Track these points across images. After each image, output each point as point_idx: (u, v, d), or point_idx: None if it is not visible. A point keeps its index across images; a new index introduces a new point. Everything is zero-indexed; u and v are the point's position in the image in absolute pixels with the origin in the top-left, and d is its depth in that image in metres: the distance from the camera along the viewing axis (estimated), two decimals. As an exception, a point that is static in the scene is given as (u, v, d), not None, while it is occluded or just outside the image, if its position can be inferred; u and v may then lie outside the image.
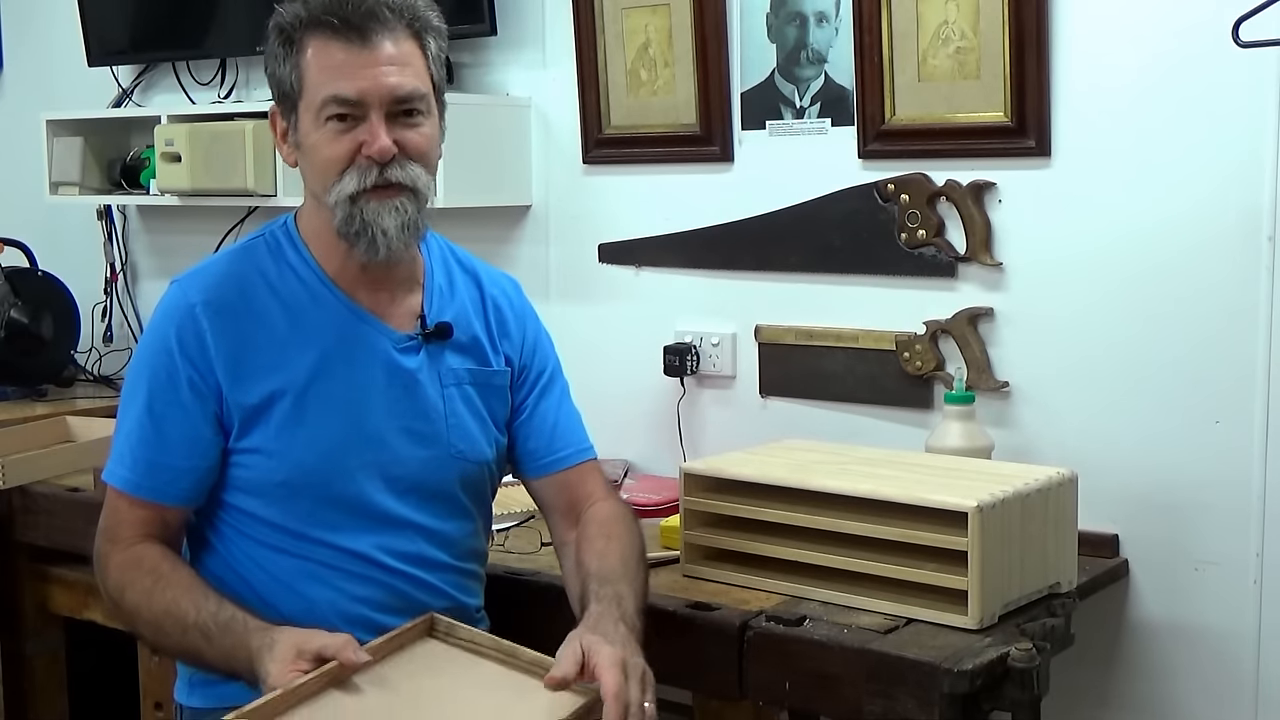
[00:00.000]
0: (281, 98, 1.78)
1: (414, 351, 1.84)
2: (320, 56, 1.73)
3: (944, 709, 1.71)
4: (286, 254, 1.83)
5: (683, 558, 2.08)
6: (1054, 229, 2.27)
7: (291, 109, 1.77)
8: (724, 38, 2.56)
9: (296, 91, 1.75)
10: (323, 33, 1.73)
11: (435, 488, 1.84)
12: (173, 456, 1.77)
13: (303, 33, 1.74)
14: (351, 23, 1.72)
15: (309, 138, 1.75)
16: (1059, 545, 1.97)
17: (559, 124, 2.81)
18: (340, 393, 1.79)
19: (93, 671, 2.95)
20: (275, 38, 1.77)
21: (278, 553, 1.80)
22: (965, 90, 2.31)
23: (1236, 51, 1.97)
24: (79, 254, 3.65)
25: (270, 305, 1.79)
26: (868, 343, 2.46)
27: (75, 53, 3.48)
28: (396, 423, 1.81)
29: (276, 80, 1.78)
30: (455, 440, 1.85)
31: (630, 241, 2.74)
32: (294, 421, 1.77)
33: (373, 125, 1.72)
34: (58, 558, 2.74)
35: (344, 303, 1.82)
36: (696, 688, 1.95)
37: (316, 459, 1.77)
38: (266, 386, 1.77)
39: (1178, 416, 2.18)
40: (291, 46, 1.75)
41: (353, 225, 1.74)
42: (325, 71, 1.73)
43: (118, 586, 1.78)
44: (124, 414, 1.82)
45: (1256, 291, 2.10)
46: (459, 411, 1.86)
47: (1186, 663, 2.21)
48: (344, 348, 1.80)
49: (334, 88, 1.72)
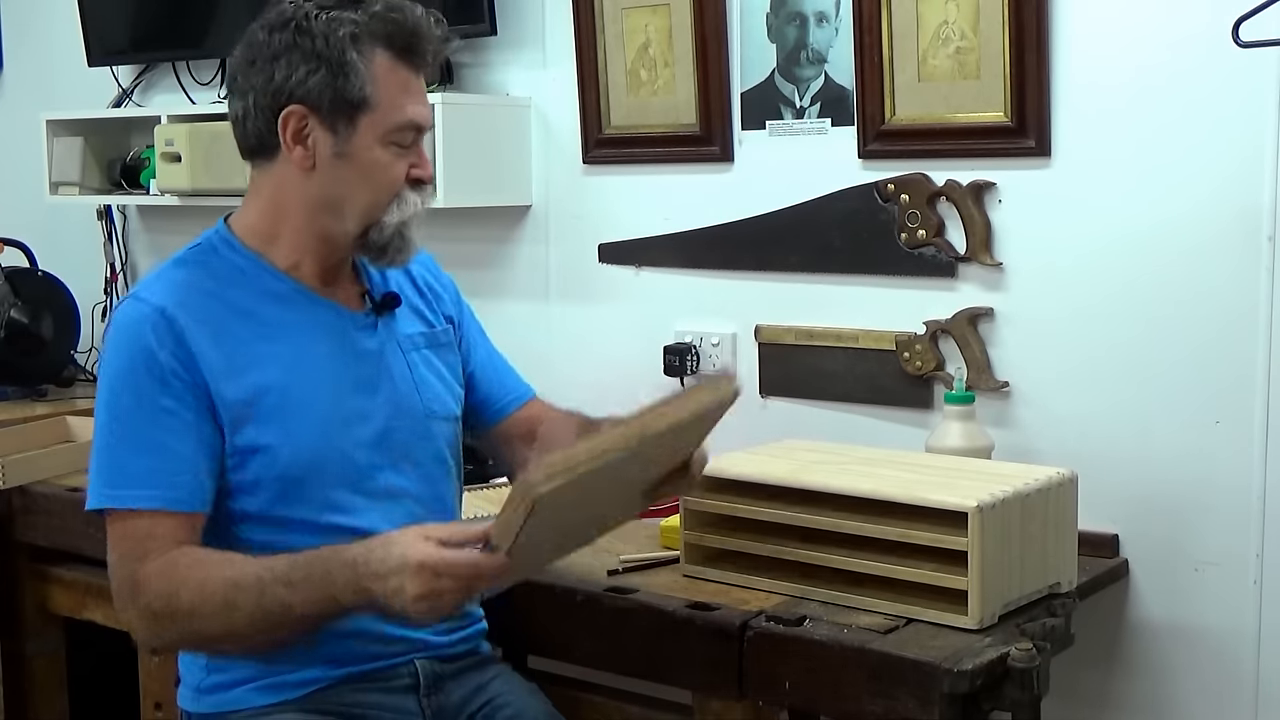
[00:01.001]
0: (335, 104, 1.76)
1: (372, 327, 1.90)
2: (392, 77, 1.78)
3: (944, 709, 1.71)
4: (233, 258, 1.84)
5: (683, 558, 2.08)
6: (1054, 229, 2.27)
7: (348, 120, 1.76)
8: (724, 38, 2.56)
9: (365, 102, 1.76)
10: (393, 53, 1.77)
11: (423, 452, 1.89)
12: (186, 461, 1.73)
13: (378, 47, 1.77)
14: (420, 50, 1.80)
15: (369, 153, 1.78)
16: (1059, 545, 1.97)
17: (559, 124, 2.81)
18: (320, 378, 1.82)
19: (93, 671, 2.95)
20: (341, 44, 1.75)
21: None
22: (965, 90, 2.31)
23: (1236, 51, 1.97)
24: (79, 254, 3.65)
25: (233, 307, 1.80)
26: (868, 343, 2.46)
27: (75, 53, 3.48)
28: (377, 397, 1.86)
29: (334, 86, 1.75)
30: (428, 402, 1.92)
31: (630, 241, 2.74)
32: (283, 412, 1.78)
33: (423, 153, 1.83)
34: (58, 558, 2.74)
35: (305, 294, 1.85)
36: (696, 688, 1.95)
37: (313, 444, 1.79)
38: (250, 382, 1.77)
39: (1178, 416, 2.18)
40: (364, 57, 1.75)
41: (395, 241, 1.82)
42: (401, 94, 1.78)
43: (165, 594, 1.69)
44: (113, 432, 1.75)
45: (1256, 292, 2.10)
46: (424, 375, 1.93)
47: (1186, 663, 2.21)
48: (314, 335, 1.84)
49: (412, 114, 1.80)
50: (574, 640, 2.03)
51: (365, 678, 1.82)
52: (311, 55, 1.76)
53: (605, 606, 1.99)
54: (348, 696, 1.81)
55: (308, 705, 1.80)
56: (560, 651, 2.07)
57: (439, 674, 1.88)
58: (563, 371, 2.72)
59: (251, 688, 1.81)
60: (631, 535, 2.29)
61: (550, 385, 2.17)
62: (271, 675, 1.80)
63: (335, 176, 1.79)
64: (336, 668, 1.81)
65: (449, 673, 1.89)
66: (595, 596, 2.01)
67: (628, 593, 2.00)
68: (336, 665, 1.81)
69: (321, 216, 1.82)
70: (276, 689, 1.80)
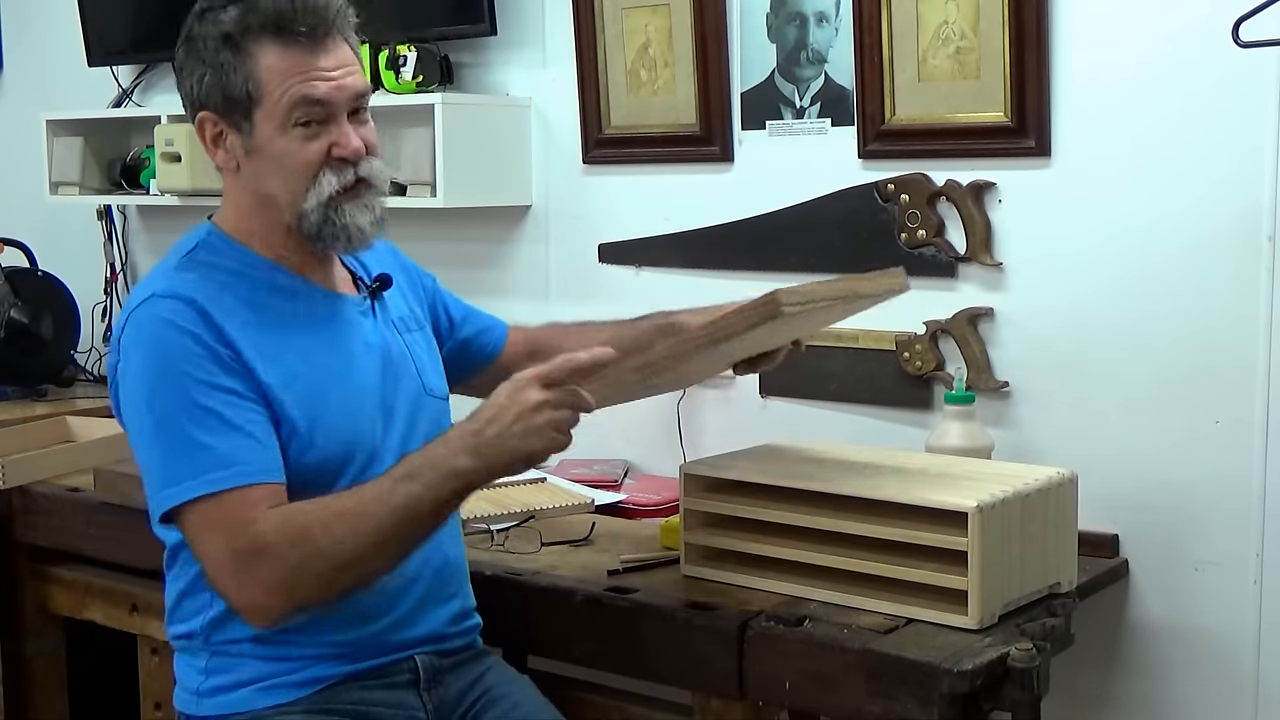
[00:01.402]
0: (228, 105, 1.77)
1: (370, 311, 1.92)
2: (278, 62, 1.75)
3: (944, 709, 1.71)
4: (230, 256, 1.84)
5: (683, 558, 2.08)
6: (1054, 229, 2.27)
7: (244, 116, 1.77)
8: (724, 38, 2.56)
9: (252, 98, 1.76)
10: (274, 39, 1.75)
11: (428, 430, 1.89)
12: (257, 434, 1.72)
13: (250, 39, 1.75)
14: (303, 29, 1.75)
15: (273, 144, 1.77)
16: (1059, 545, 1.97)
17: (559, 124, 2.81)
18: (337, 366, 1.83)
19: (93, 671, 2.95)
20: (216, 45, 1.76)
21: None
22: (965, 90, 2.31)
23: (1236, 51, 1.97)
24: (79, 254, 3.65)
25: (245, 301, 1.80)
26: (868, 343, 2.46)
27: (75, 53, 3.48)
28: (386, 378, 1.88)
29: (221, 88, 1.76)
30: (426, 381, 1.94)
31: (630, 241, 2.74)
32: (311, 401, 1.78)
33: (343, 127, 1.78)
34: (58, 558, 2.74)
35: (306, 284, 1.86)
36: (696, 688, 1.95)
37: (342, 431, 1.80)
38: (279, 370, 1.78)
39: (1178, 416, 2.18)
40: (239, 53, 1.75)
41: (327, 228, 1.79)
42: (289, 77, 1.75)
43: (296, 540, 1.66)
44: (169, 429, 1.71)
45: (1256, 291, 2.10)
46: (419, 355, 1.96)
47: (1186, 663, 2.21)
48: (324, 324, 1.85)
49: (303, 91, 1.75)
50: (574, 640, 2.03)
51: (367, 675, 1.82)
52: (199, 61, 1.78)
53: (605, 606, 1.99)
54: (351, 695, 1.81)
55: (312, 705, 1.80)
56: (560, 651, 2.07)
57: (438, 668, 1.88)
58: (563, 371, 2.71)
59: (254, 689, 1.80)
60: (631, 535, 2.30)
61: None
62: (274, 676, 1.80)
63: (254, 173, 1.80)
64: (339, 666, 1.81)
65: (447, 666, 1.90)
66: (595, 596, 2.01)
67: (628, 593, 2.00)
68: (339, 664, 1.81)
69: (265, 212, 1.82)
70: (280, 690, 1.80)
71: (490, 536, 2.24)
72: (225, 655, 1.81)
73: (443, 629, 1.90)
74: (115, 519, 2.48)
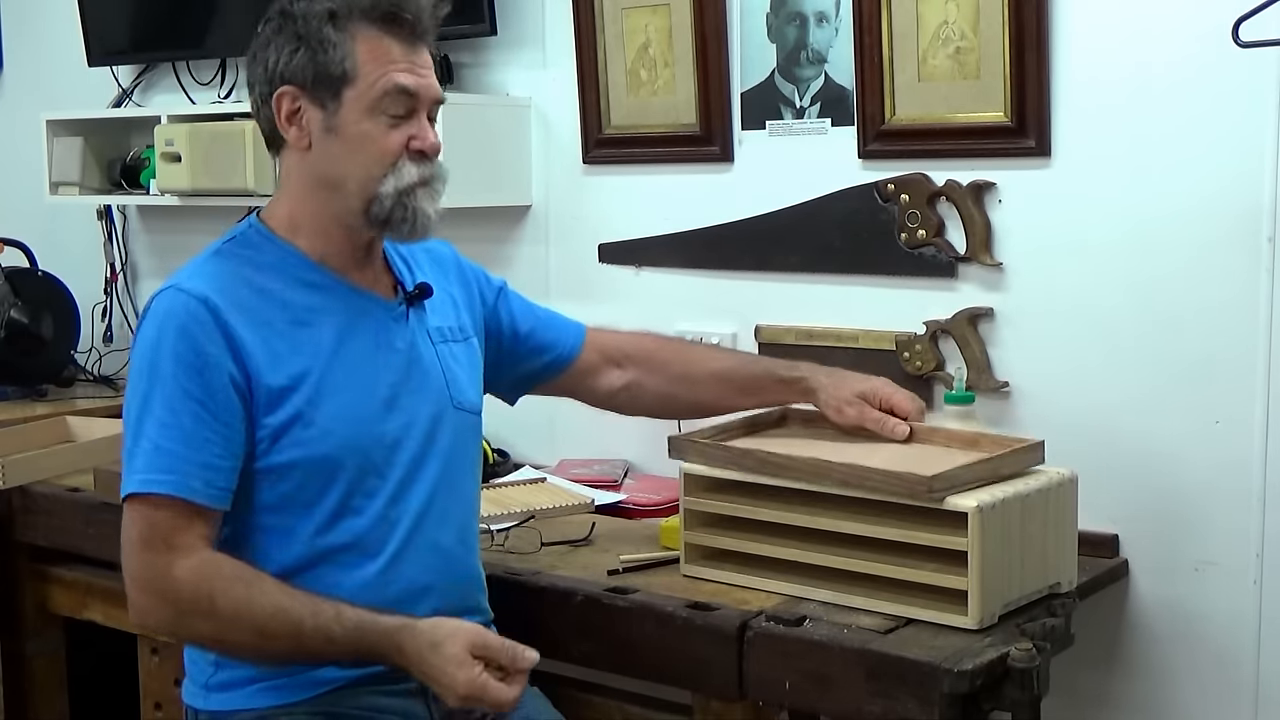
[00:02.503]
0: (318, 81, 1.79)
1: (404, 318, 1.91)
2: (376, 48, 1.79)
3: (944, 709, 1.71)
4: (268, 249, 1.86)
5: (683, 558, 2.08)
6: (1054, 229, 2.27)
7: (333, 95, 1.79)
8: (724, 38, 2.56)
9: (346, 77, 1.78)
10: (378, 26, 1.79)
11: (451, 445, 1.91)
12: (216, 455, 1.75)
13: (355, 21, 1.79)
14: (407, 22, 1.80)
15: (358, 125, 1.80)
16: (1059, 545, 1.97)
17: (559, 124, 2.81)
18: (357, 367, 1.84)
19: (93, 671, 2.95)
20: (320, 21, 1.79)
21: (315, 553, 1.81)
22: (965, 90, 2.31)
23: (1236, 51, 1.97)
24: (79, 254, 3.65)
25: (270, 296, 1.82)
26: (868, 343, 2.45)
27: (75, 53, 3.48)
28: (409, 386, 1.87)
29: (315, 63, 1.79)
30: (455, 394, 1.93)
31: (630, 241, 2.74)
32: (321, 397, 1.80)
33: (424, 123, 1.82)
34: (58, 558, 2.74)
35: (340, 284, 1.87)
36: (696, 688, 1.95)
37: (347, 430, 1.81)
38: (290, 369, 1.79)
39: (1178, 416, 2.18)
40: (341, 32, 1.79)
41: (397, 212, 1.82)
42: (387, 64, 1.79)
43: (201, 594, 1.72)
44: (145, 419, 1.76)
45: (1256, 291, 2.10)
46: (451, 366, 1.95)
47: (1186, 663, 2.21)
48: (351, 324, 1.85)
49: (401, 81, 1.79)
50: (574, 640, 2.03)
51: (375, 680, 1.82)
52: (294, 37, 1.80)
53: (605, 606, 2.00)
54: (358, 699, 1.82)
55: (317, 707, 1.80)
56: (560, 651, 2.07)
57: None
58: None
59: (261, 687, 1.81)
60: (631, 535, 2.30)
61: (550, 385, 2.18)
62: (282, 676, 1.81)
63: (329, 152, 1.82)
64: (347, 670, 1.81)
65: None
66: (595, 596, 2.01)
67: (628, 593, 2.00)
68: (347, 668, 1.81)
69: (327, 196, 1.83)
70: (287, 689, 1.81)
71: (490, 536, 2.24)
72: None
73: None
74: (115, 519, 2.43)
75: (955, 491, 1.84)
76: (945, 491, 1.83)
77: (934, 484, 1.83)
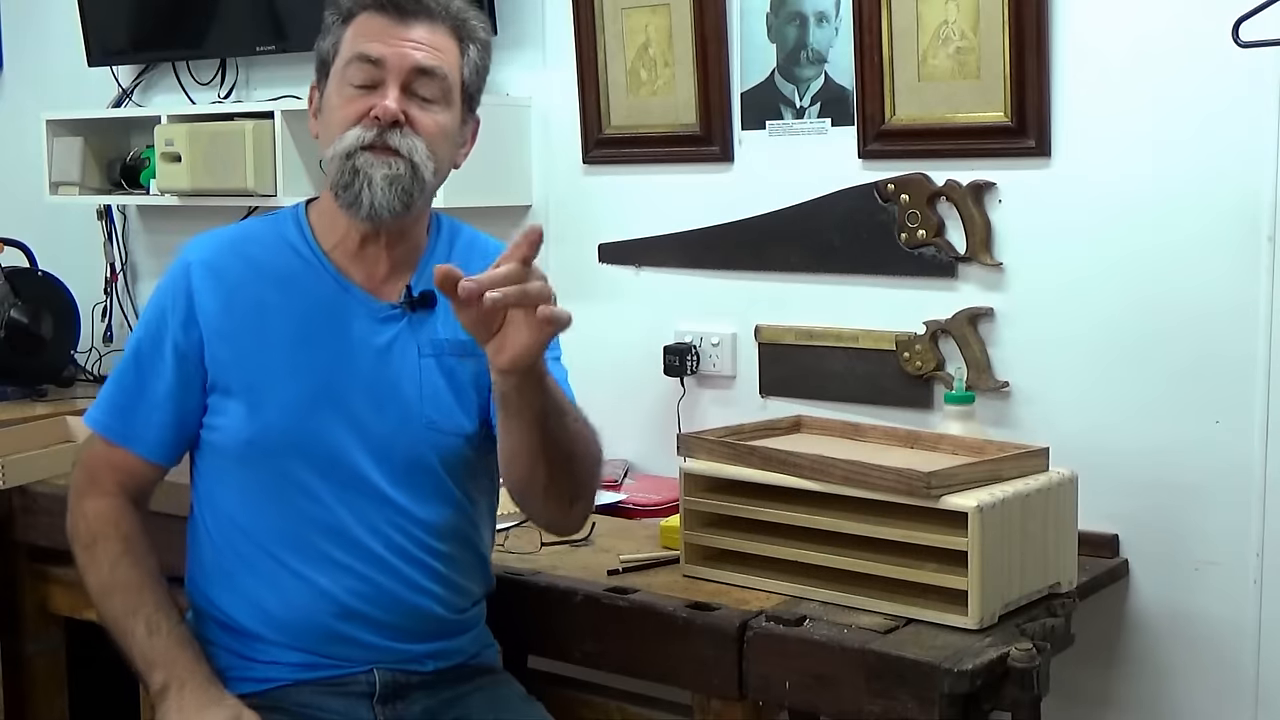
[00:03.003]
0: (319, 68, 1.85)
1: (395, 321, 1.86)
2: (364, 26, 1.81)
3: (944, 709, 1.71)
4: (288, 230, 1.89)
5: (683, 558, 2.08)
6: (1054, 229, 2.27)
7: (324, 77, 1.84)
8: (724, 38, 2.56)
9: (331, 59, 1.82)
10: (370, 10, 1.81)
11: (410, 459, 1.83)
12: (146, 405, 1.85)
13: (354, 7, 1.82)
14: (400, 4, 1.80)
15: (329, 99, 1.82)
16: (1059, 545, 1.98)
17: (559, 124, 2.81)
18: (314, 359, 1.83)
19: (93, 671, 2.95)
20: (330, 12, 1.84)
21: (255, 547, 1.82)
22: (965, 90, 2.31)
23: (1237, 51, 1.97)
24: (79, 254, 3.65)
25: (262, 272, 1.85)
26: (868, 343, 2.46)
27: (75, 53, 3.48)
28: (368, 390, 1.84)
29: (319, 52, 1.84)
30: (428, 410, 1.84)
31: (630, 241, 2.74)
32: (266, 383, 1.81)
33: (386, 89, 1.78)
34: (58, 558, 2.73)
35: (331, 274, 1.86)
36: (696, 688, 1.95)
37: (285, 416, 1.81)
38: (243, 346, 1.82)
39: (1178, 416, 2.18)
40: (342, 19, 1.83)
41: (342, 178, 1.78)
42: (359, 38, 1.80)
43: (89, 534, 1.88)
44: (121, 363, 1.91)
45: (1256, 291, 2.10)
46: (434, 382, 1.86)
47: (1186, 663, 2.21)
48: (322, 317, 1.84)
49: (361, 48, 1.79)
50: (574, 640, 2.03)
51: (323, 682, 1.82)
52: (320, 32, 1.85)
53: (605, 606, 2.00)
54: (301, 697, 1.81)
55: (264, 702, 1.80)
56: (560, 651, 2.07)
57: (401, 684, 1.84)
58: (563, 371, 2.71)
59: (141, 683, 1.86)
60: (631, 535, 2.30)
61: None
62: (237, 669, 1.83)
63: (320, 137, 1.85)
64: (295, 672, 1.82)
65: (415, 683, 1.85)
66: (595, 596, 2.01)
67: (628, 593, 2.00)
68: (295, 670, 1.81)
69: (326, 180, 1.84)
70: (238, 682, 1.82)
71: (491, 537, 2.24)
72: (203, 641, 1.85)
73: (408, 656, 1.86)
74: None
75: (954, 490, 1.84)
76: (943, 489, 1.83)
77: (932, 481, 1.83)
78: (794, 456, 1.98)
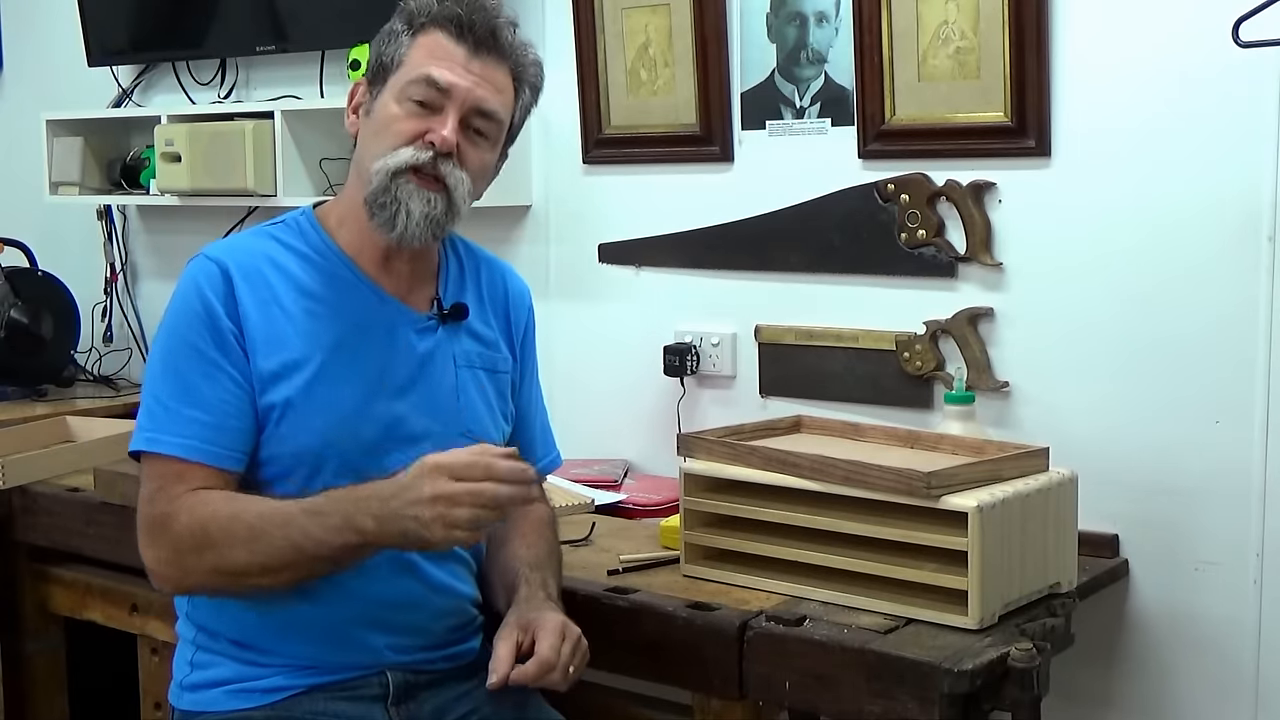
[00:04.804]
0: (377, 70, 1.84)
1: (431, 332, 1.88)
2: (431, 45, 1.81)
3: (944, 709, 1.71)
4: (308, 237, 1.87)
5: (683, 558, 2.08)
6: (1054, 229, 2.27)
7: (381, 82, 1.83)
8: (724, 38, 2.56)
9: (394, 65, 1.82)
10: (445, 29, 1.81)
11: None
12: (228, 416, 1.76)
13: (428, 21, 1.82)
14: (474, 32, 1.81)
15: (385, 108, 1.81)
16: (1059, 545, 1.97)
17: (559, 124, 2.81)
18: (357, 368, 1.81)
19: (93, 671, 2.95)
20: (399, 17, 1.84)
21: None
22: (965, 90, 2.31)
23: (1236, 51, 1.97)
24: (79, 254, 3.65)
25: (291, 280, 1.82)
26: (868, 343, 2.46)
27: (75, 53, 3.48)
28: (411, 399, 1.84)
29: (379, 54, 1.84)
30: (466, 420, 1.88)
31: (630, 241, 2.74)
32: (309, 394, 1.78)
33: (446, 117, 1.79)
34: (58, 558, 2.74)
35: (365, 283, 1.86)
36: (696, 688, 1.95)
37: (332, 428, 1.79)
38: (285, 356, 1.79)
39: (1178, 416, 2.18)
40: (411, 29, 1.82)
41: (381, 196, 1.79)
42: (430, 57, 1.80)
43: (195, 528, 1.71)
44: (162, 380, 1.78)
45: (1256, 291, 2.10)
46: (470, 393, 1.90)
47: (1186, 663, 2.21)
48: (363, 325, 1.84)
49: (430, 71, 1.79)
50: (574, 640, 2.03)
51: (334, 687, 1.81)
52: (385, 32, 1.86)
53: (605, 606, 1.99)
54: (314, 705, 1.80)
55: (276, 712, 1.79)
56: (560, 651, 2.07)
57: (412, 684, 1.85)
58: (563, 371, 2.72)
59: (225, 690, 1.82)
60: (631, 535, 2.30)
61: (550, 385, 2.17)
62: (246, 680, 1.81)
63: (363, 136, 1.85)
64: (305, 677, 1.81)
65: (424, 682, 1.86)
66: (595, 596, 2.01)
67: (628, 593, 2.00)
68: (305, 675, 1.81)
69: (357, 184, 1.83)
70: (247, 694, 1.81)
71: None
72: (208, 652, 1.84)
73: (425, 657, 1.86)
74: (115, 519, 2.48)
75: (954, 490, 1.84)
76: (943, 489, 1.83)
77: (932, 481, 1.83)
78: (794, 456, 1.98)
